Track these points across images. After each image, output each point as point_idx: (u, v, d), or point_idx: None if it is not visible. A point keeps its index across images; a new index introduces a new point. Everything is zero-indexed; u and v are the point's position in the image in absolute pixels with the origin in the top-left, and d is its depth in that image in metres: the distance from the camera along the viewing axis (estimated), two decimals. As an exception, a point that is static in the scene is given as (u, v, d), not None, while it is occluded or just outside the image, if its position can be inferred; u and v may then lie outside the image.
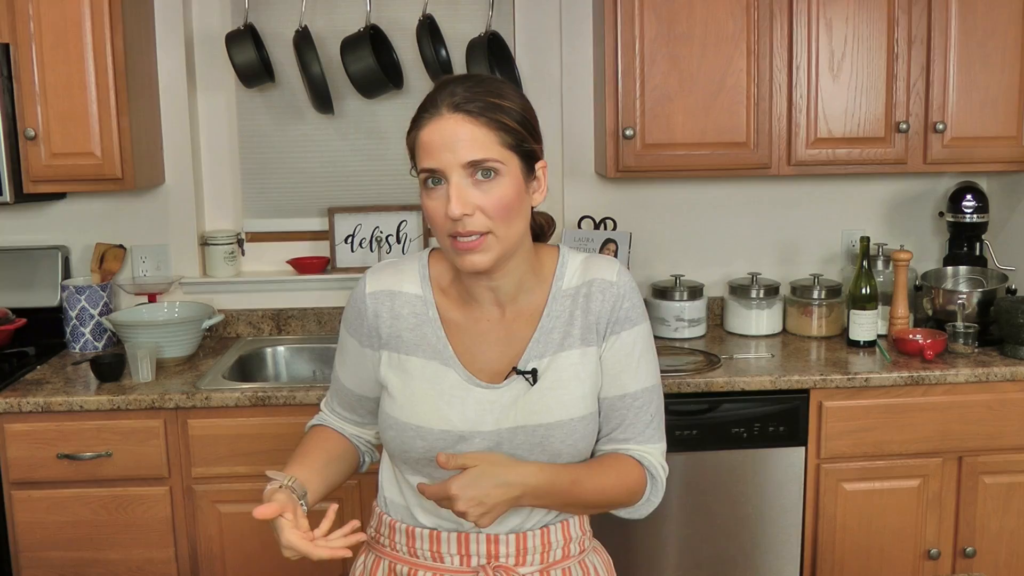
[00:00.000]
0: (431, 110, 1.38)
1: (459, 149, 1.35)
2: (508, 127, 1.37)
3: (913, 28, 2.81)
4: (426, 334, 1.49)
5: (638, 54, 2.79)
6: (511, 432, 1.44)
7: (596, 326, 1.48)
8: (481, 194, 1.36)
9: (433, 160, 1.36)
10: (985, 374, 2.63)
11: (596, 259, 1.52)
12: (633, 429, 1.51)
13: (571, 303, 1.48)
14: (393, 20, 3.09)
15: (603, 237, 3.06)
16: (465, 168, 1.35)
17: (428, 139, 1.37)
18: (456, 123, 1.35)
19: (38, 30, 2.67)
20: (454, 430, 1.45)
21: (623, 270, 1.50)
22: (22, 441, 2.51)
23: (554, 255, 1.53)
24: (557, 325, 1.47)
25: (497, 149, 1.36)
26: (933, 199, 3.27)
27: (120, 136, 2.74)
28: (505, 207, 1.37)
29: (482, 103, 1.36)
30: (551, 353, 1.46)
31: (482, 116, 1.36)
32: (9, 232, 3.12)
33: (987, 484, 2.68)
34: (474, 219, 1.36)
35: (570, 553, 1.54)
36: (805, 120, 2.84)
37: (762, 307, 3.06)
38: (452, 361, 1.47)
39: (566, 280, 1.50)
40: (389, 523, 1.55)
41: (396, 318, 1.50)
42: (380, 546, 1.56)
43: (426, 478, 1.48)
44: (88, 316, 2.94)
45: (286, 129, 3.19)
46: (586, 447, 1.49)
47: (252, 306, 3.19)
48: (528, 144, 1.41)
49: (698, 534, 2.66)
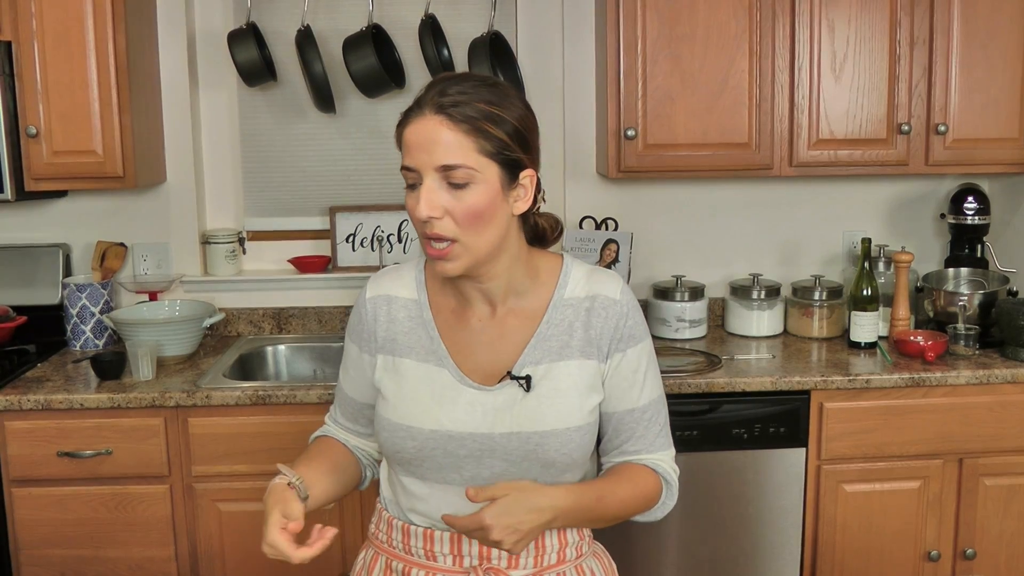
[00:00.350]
0: (416, 108, 1.39)
1: (434, 152, 1.35)
2: (489, 134, 1.36)
3: (915, 29, 2.81)
4: (420, 336, 1.50)
5: (640, 54, 2.79)
6: (505, 437, 1.44)
7: (598, 342, 1.48)
8: (452, 199, 1.36)
9: (411, 159, 1.37)
10: (986, 376, 2.62)
11: (600, 273, 1.52)
12: (643, 441, 1.53)
13: (572, 313, 1.49)
14: (395, 19, 3.09)
15: (605, 237, 3.06)
16: (438, 171, 1.36)
17: (408, 137, 1.38)
18: (436, 125, 1.35)
19: (40, 28, 2.67)
20: (443, 430, 1.45)
21: (626, 288, 1.52)
22: (22, 439, 2.51)
23: (557, 262, 1.53)
24: (556, 333, 1.48)
25: (473, 156, 1.35)
26: (935, 201, 3.27)
27: (122, 134, 2.74)
28: (474, 215, 1.36)
29: (467, 107, 1.35)
30: (548, 361, 1.46)
31: (463, 121, 1.35)
32: (10, 229, 3.12)
33: (987, 486, 2.68)
34: (443, 223, 1.36)
35: (566, 558, 1.54)
36: (807, 121, 2.84)
37: (763, 308, 3.06)
38: (446, 360, 1.48)
39: (569, 289, 1.50)
40: (388, 520, 1.56)
41: (392, 322, 1.52)
42: (379, 542, 1.57)
43: (418, 479, 1.49)
44: (89, 314, 2.94)
45: (288, 128, 3.19)
46: (581, 457, 1.48)
47: (253, 305, 3.19)
48: (512, 153, 1.39)
49: (698, 535, 2.66)
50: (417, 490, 1.50)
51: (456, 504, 1.46)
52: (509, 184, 1.40)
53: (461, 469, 1.46)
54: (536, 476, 1.46)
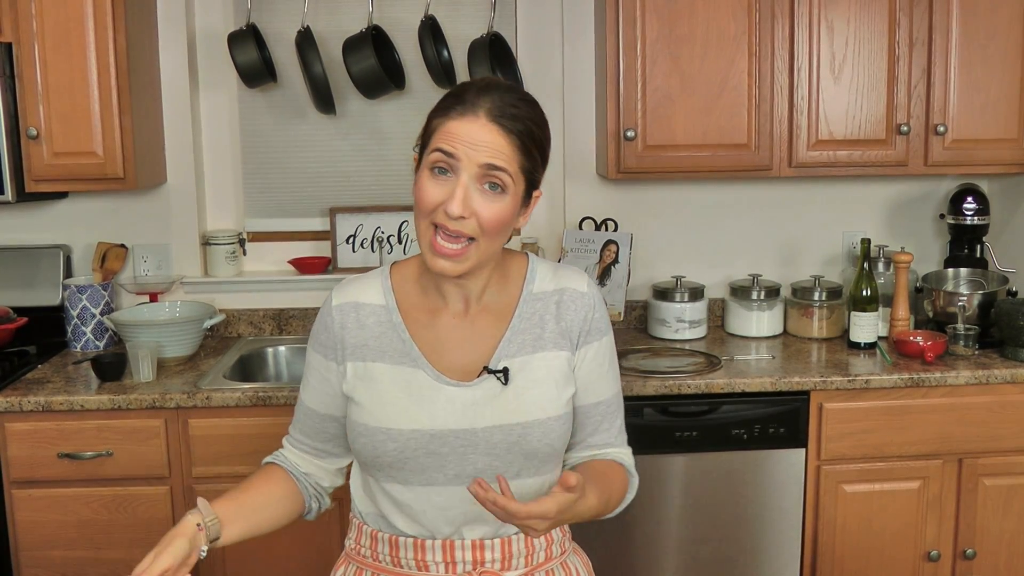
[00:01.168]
0: (470, 108, 1.38)
1: (484, 151, 1.36)
2: (531, 154, 1.41)
3: (914, 30, 2.81)
4: (392, 340, 1.49)
5: (639, 55, 2.79)
6: (488, 431, 1.45)
7: (569, 334, 1.51)
8: (483, 203, 1.37)
9: (454, 147, 1.36)
10: (985, 376, 2.63)
11: (565, 269, 1.57)
12: (608, 434, 1.58)
13: (542, 307, 1.52)
14: (395, 21, 3.10)
15: (604, 238, 3.06)
16: (480, 168, 1.36)
17: (456, 130, 1.37)
18: (490, 131, 1.37)
19: (40, 29, 2.67)
20: (424, 429, 1.45)
21: (591, 282, 1.56)
22: (23, 440, 2.52)
23: (522, 260, 1.56)
24: (528, 326, 1.50)
25: (515, 168, 1.39)
26: (934, 201, 3.27)
27: (122, 135, 2.74)
28: (499, 223, 1.39)
29: (521, 125, 1.39)
30: (524, 354, 1.48)
31: (513, 134, 1.38)
32: (11, 231, 3.12)
33: (987, 486, 2.68)
34: (468, 223, 1.37)
35: (552, 555, 1.55)
36: (806, 122, 2.84)
37: (763, 309, 3.06)
38: (420, 361, 1.48)
39: (536, 284, 1.53)
40: (370, 533, 1.54)
41: (362, 328, 1.51)
42: (362, 557, 1.55)
43: (401, 485, 1.47)
44: (89, 315, 2.94)
45: (288, 129, 3.20)
46: (561, 447, 1.51)
47: (253, 306, 3.20)
48: (537, 173, 1.45)
49: (698, 535, 2.66)
50: (401, 496, 1.48)
51: (442, 505, 1.47)
52: (525, 200, 1.45)
53: (444, 467, 1.46)
54: (520, 468, 1.47)
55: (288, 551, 2.59)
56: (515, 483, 1.46)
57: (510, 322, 1.50)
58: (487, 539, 1.49)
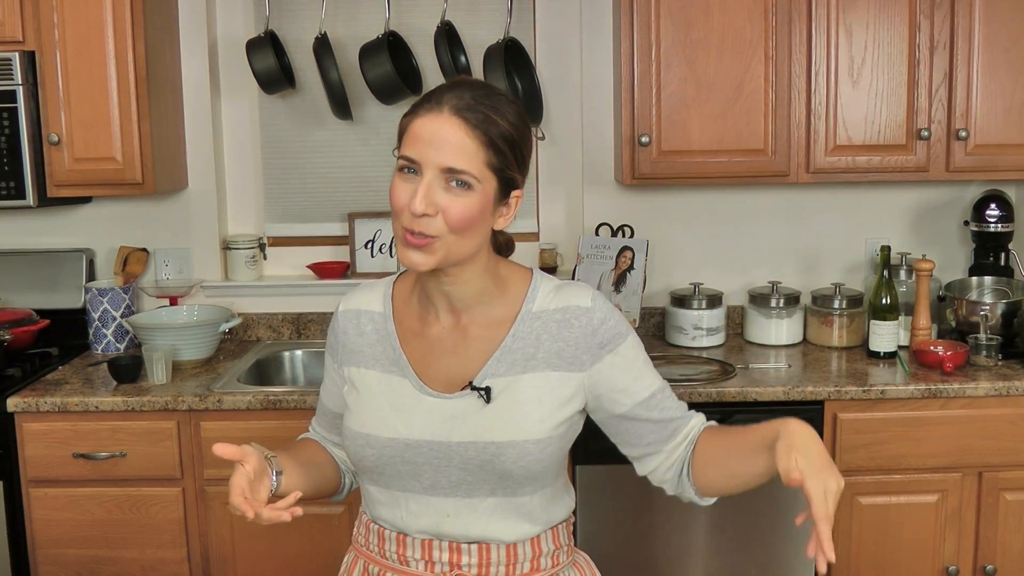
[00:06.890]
0: (434, 104, 1.38)
1: (444, 151, 1.35)
2: (499, 148, 1.38)
3: (936, 34, 2.75)
4: (384, 348, 1.52)
5: (654, 60, 2.77)
6: (462, 446, 1.44)
7: (573, 352, 1.46)
8: (448, 200, 1.36)
9: (416, 152, 1.37)
10: (1006, 388, 2.56)
11: (569, 286, 1.51)
12: (680, 409, 1.54)
13: (540, 326, 1.47)
14: (413, 26, 3.11)
15: (620, 244, 3.04)
16: (442, 171, 1.36)
17: (419, 130, 1.37)
18: (452, 126, 1.35)
19: (62, 38, 2.73)
20: (400, 438, 1.46)
21: (597, 294, 1.50)
22: (40, 440, 2.57)
23: (526, 276, 1.52)
24: (521, 346, 1.47)
25: (479, 166, 1.37)
26: (959, 207, 3.20)
27: (141, 141, 2.78)
28: (464, 220, 1.37)
29: (484, 117, 1.37)
30: (513, 373, 1.45)
31: (478, 129, 1.36)
32: (35, 234, 3.19)
33: (1008, 501, 2.61)
34: (433, 221, 1.36)
35: (540, 567, 1.52)
36: (824, 127, 2.79)
37: (782, 316, 3.01)
38: (407, 370, 1.49)
39: (538, 303, 1.49)
40: (367, 523, 1.58)
41: (360, 335, 1.54)
42: (359, 546, 1.59)
43: (382, 487, 1.51)
44: (110, 318, 2.99)
45: (308, 135, 3.22)
46: (540, 471, 1.46)
47: (272, 310, 3.22)
48: (510, 171, 1.41)
49: (711, 548, 2.63)
50: (381, 497, 1.52)
51: (416, 512, 1.48)
52: (500, 200, 1.42)
53: (420, 476, 1.47)
54: (493, 487, 1.46)
55: (298, 550, 2.61)
56: (488, 501, 1.46)
57: (504, 340, 1.47)
58: (464, 543, 1.49)
